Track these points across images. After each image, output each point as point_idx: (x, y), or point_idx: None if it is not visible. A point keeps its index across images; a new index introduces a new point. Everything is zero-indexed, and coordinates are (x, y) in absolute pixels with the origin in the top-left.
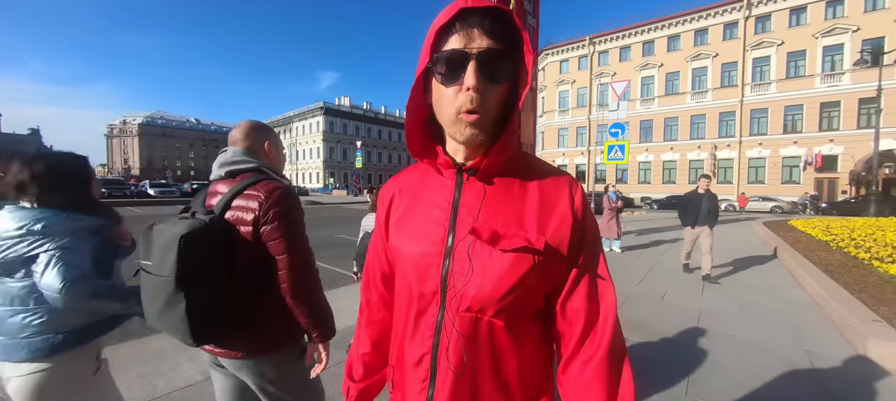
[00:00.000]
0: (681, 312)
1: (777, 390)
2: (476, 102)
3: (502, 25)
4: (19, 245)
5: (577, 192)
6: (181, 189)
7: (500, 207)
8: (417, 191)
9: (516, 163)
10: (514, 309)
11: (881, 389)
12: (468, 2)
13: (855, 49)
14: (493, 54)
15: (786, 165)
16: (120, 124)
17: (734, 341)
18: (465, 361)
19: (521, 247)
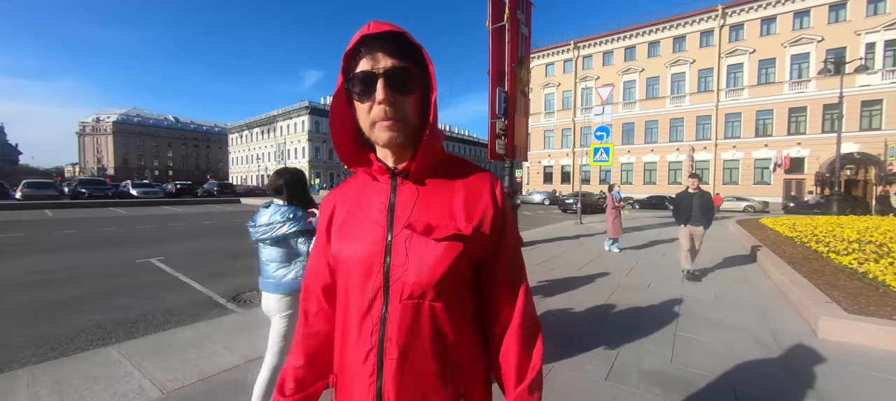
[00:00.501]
0: (664, 299)
1: (745, 360)
2: (389, 114)
3: (402, 46)
4: (282, 227)
5: (497, 186)
6: (165, 190)
7: (432, 203)
8: (356, 198)
9: (444, 164)
10: (450, 291)
11: (828, 356)
12: (370, 29)
13: (819, 58)
14: (398, 71)
15: (758, 167)
16: (93, 122)
17: (710, 322)
18: (408, 346)
19: (452, 234)
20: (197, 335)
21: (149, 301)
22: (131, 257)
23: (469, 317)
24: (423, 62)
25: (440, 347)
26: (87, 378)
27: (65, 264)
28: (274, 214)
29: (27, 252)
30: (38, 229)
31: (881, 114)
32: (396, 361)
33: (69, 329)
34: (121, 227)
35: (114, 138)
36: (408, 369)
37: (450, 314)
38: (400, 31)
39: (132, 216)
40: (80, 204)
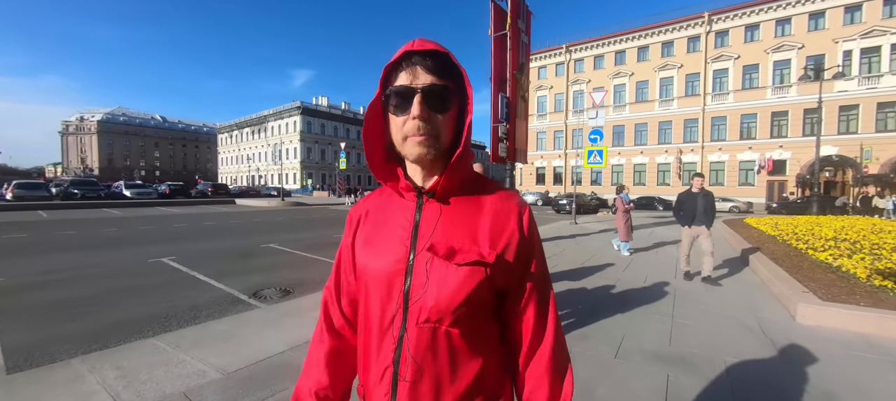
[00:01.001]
0: (660, 291)
1: (733, 341)
2: (422, 130)
3: (443, 65)
4: None
5: (525, 212)
6: (158, 191)
7: (456, 225)
8: (382, 213)
9: (471, 184)
10: (469, 318)
11: (804, 336)
12: (414, 46)
13: (800, 64)
14: (436, 89)
15: (742, 169)
16: (76, 121)
17: (702, 310)
18: (423, 369)
19: (474, 261)
20: (230, 328)
21: (172, 298)
22: (142, 257)
23: (491, 345)
24: (461, 84)
25: (457, 373)
26: (144, 365)
27: (79, 263)
28: None
29: (37, 252)
30: (39, 230)
31: (857, 118)
32: (410, 383)
33: (103, 324)
34: (122, 227)
35: (98, 138)
36: (422, 391)
37: (468, 341)
38: (444, 50)
39: (130, 217)
40: (73, 205)
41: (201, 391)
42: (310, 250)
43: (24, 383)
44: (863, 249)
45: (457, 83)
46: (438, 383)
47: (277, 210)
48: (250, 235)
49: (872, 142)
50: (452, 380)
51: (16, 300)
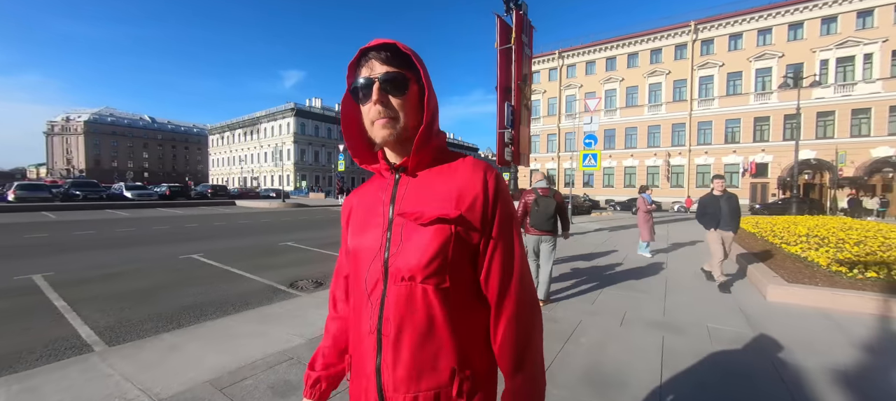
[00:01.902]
0: (656, 276)
1: (715, 313)
2: (382, 113)
3: (396, 55)
4: None
5: (490, 174)
6: (159, 192)
7: (426, 192)
8: (368, 196)
9: (441, 158)
10: (440, 273)
11: (772, 310)
12: (370, 44)
13: (780, 72)
14: (390, 76)
15: (727, 171)
16: (62, 121)
17: (690, 291)
18: (403, 326)
19: (438, 218)
20: (284, 311)
21: (220, 289)
22: (173, 254)
23: (468, 300)
24: (415, 68)
25: (434, 326)
26: (229, 336)
27: (119, 260)
28: None
29: (68, 250)
30: (56, 230)
31: (834, 124)
32: (393, 338)
33: (171, 309)
34: (138, 228)
35: (85, 138)
36: (403, 346)
37: (442, 296)
38: (391, 42)
39: (140, 218)
40: (76, 206)
41: (295, 351)
42: (326, 248)
43: (132, 352)
44: (829, 244)
45: (414, 71)
46: (418, 338)
47: (280, 211)
48: (265, 235)
49: (847, 146)
50: (431, 335)
51: (82, 292)
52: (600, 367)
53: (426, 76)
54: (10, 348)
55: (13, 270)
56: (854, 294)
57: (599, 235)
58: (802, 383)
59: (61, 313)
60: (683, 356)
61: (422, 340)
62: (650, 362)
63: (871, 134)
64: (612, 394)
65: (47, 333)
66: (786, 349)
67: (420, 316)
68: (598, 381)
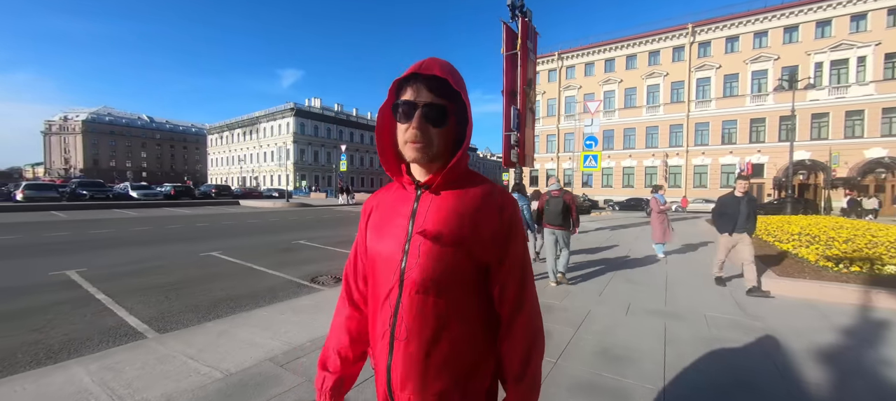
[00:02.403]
0: (655, 272)
1: (712, 303)
2: (418, 139)
3: (445, 85)
4: (524, 204)
5: (506, 203)
6: (164, 192)
7: (446, 213)
8: (389, 204)
9: (463, 180)
10: (452, 291)
11: (761, 300)
12: (421, 68)
13: (776, 74)
14: (434, 107)
15: (724, 172)
16: (60, 120)
17: (688, 284)
18: (413, 332)
19: (454, 239)
20: (313, 303)
21: (247, 283)
22: (193, 251)
23: (476, 315)
24: (460, 102)
25: (441, 337)
26: (270, 324)
27: (145, 257)
28: (521, 198)
29: (93, 248)
30: (75, 229)
31: (828, 125)
32: (403, 343)
33: (207, 300)
34: (152, 226)
35: (83, 138)
36: (412, 351)
37: (452, 310)
38: (443, 76)
39: (152, 217)
40: (84, 206)
41: None
42: (338, 246)
43: (185, 337)
44: (820, 241)
45: (457, 102)
46: (426, 345)
47: (286, 211)
48: (276, 234)
49: (841, 147)
50: (437, 343)
51: (117, 286)
52: (612, 346)
53: (469, 112)
54: (70, 334)
55: (47, 267)
56: (837, 286)
57: (601, 233)
58: (786, 358)
59: (105, 305)
60: (683, 339)
61: (430, 348)
62: (654, 343)
63: (865, 135)
64: (623, 367)
65: (98, 322)
66: (774, 332)
67: (430, 326)
68: (611, 357)
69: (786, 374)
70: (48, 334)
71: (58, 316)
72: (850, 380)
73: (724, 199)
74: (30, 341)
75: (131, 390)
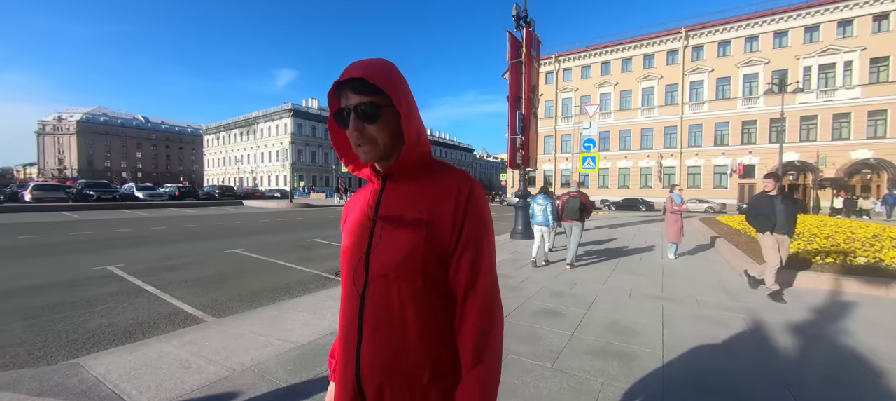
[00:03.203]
0: (652, 264)
1: (702, 289)
2: (361, 139)
3: (369, 85)
4: (549, 202)
5: (464, 184)
6: (169, 192)
7: (406, 198)
8: (360, 200)
9: (424, 166)
10: (412, 271)
11: (744, 287)
12: (341, 78)
13: (766, 78)
14: (364, 106)
15: (716, 173)
16: (54, 121)
17: (682, 275)
18: (379, 318)
19: (412, 221)
20: None
21: (278, 277)
22: (217, 248)
23: (438, 299)
24: (387, 93)
25: (407, 320)
26: (316, 309)
27: (173, 254)
28: (546, 200)
29: (120, 246)
30: (97, 228)
31: (816, 127)
32: (371, 329)
33: (246, 291)
34: (168, 226)
35: (78, 138)
36: (379, 337)
37: (414, 292)
38: (359, 76)
39: (165, 217)
40: (92, 206)
41: None
42: None
43: (242, 321)
44: (803, 237)
45: (387, 93)
46: (392, 331)
47: (291, 211)
48: (289, 233)
49: (829, 149)
50: (404, 328)
51: (160, 279)
52: (618, 323)
53: (402, 102)
54: (136, 319)
55: (87, 263)
56: (811, 275)
57: (600, 231)
58: (762, 329)
59: (156, 295)
60: (678, 316)
61: (396, 331)
62: (654, 320)
63: (851, 137)
64: (629, 337)
65: (156, 308)
66: (753, 310)
67: (394, 310)
68: (619, 331)
69: (760, 342)
70: (115, 319)
71: (117, 304)
72: (812, 343)
73: (757, 200)
74: (104, 324)
75: (222, 358)
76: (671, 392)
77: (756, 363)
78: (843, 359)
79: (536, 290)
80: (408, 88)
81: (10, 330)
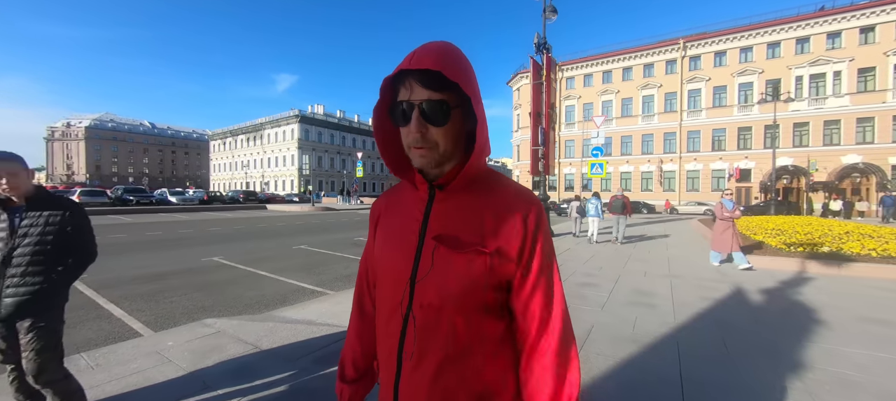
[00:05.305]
0: (659, 254)
1: (701, 271)
2: (420, 143)
3: (441, 77)
4: (594, 203)
5: (531, 209)
6: (199, 197)
7: (464, 218)
8: (398, 205)
9: (482, 180)
10: (470, 307)
11: (733, 270)
12: (411, 63)
13: (761, 87)
14: (432, 103)
15: (714, 177)
16: (63, 127)
17: (685, 265)
18: (424, 350)
19: (474, 251)
20: None
21: (351, 267)
22: (284, 244)
23: (495, 335)
24: (461, 92)
25: (454, 359)
26: None
27: (248, 249)
28: (596, 200)
29: (198, 243)
30: (166, 229)
31: (808, 133)
32: (414, 361)
33: (332, 276)
34: (221, 227)
35: (86, 144)
36: (422, 370)
37: (468, 328)
38: (436, 69)
39: (211, 219)
40: (135, 210)
41: None
42: None
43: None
44: (785, 233)
45: (460, 94)
46: (439, 366)
47: (317, 214)
48: (335, 232)
49: (820, 154)
50: (450, 365)
51: (264, 266)
52: (639, 291)
53: (478, 102)
54: (272, 295)
55: (196, 255)
56: (784, 259)
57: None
58: (743, 293)
59: (275, 277)
60: (684, 287)
61: (444, 368)
62: (665, 289)
63: (841, 143)
64: (648, 299)
65: (283, 286)
66: (737, 282)
67: (442, 346)
68: (641, 292)
69: (742, 298)
70: (262, 292)
71: (254, 283)
72: (774, 298)
73: None
74: (260, 294)
75: None
76: (679, 322)
77: (734, 308)
78: (782, 310)
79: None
80: (478, 87)
81: (194, 297)
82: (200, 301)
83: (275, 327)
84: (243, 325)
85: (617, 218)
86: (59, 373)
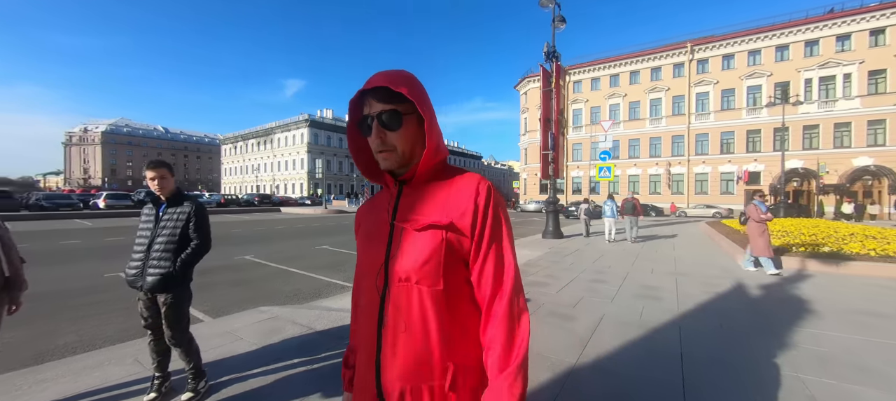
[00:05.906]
0: (665, 254)
1: (707, 270)
2: (382, 146)
3: (394, 93)
4: (610, 203)
5: (482, 186)
6: (215, 200)
7: (424, 202)
8: (374, 207)
9: (441, 172)
10: (433, 275)
11: (737, 269)
12: (368, 85)
13: (769, 90)
14: (386, 113)
15: (723, 179)
16: (80, 132)
17: (691, 264)
18: (400, 322)
19: (430, 225)
20: None
21: None
22: (306, 245)
23: (461, 302)
24: (410, 101)
25: (427, 324)
26: None
27: (279, 249)
28: (611, 203)
29: (231, 243)
30: None
31: (818, 136)
32: (391, 334)
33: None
34: (242, 228)
35: (102, 148)
36: (400, 341)
37: (435, 296)
38: (384, 85)
39: (230, 222)
40: None
41: None
42: None
43: None
44: (790, 234)
45: (410, 101)
46: (414, 335)
47: (330, 216)
48: (350, 234)
49: (831, 156)
50: (425, 332)
51: (293, 264)
52: (646, 286)
53: (424, 108)
54: (307, 290)
55: (228, 254)
56: (784, 258)
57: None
58: (743, 287)
59: (307, 274)
60: (689, 284)
61: (417, 336)
62: (671, 286)
63: (852, 145)
64: (655, 294)
65: (313, 283)
66: (741, 278)
67: (415, 314)
68: (648, 287)
69: (742, 292)
70: (297, 287)
71: (288, 278)
72: (772, 292)
73: None
74: (295, 288)
75: None
76: (682, 311)
77: (733, 299)
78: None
79: (597, 257)
80: (428, 98)
81: (231, 293)
82: (244, 294)
83: (321, 313)
84: (295, 311)
85: (629, 219)
86: (186, 335)
